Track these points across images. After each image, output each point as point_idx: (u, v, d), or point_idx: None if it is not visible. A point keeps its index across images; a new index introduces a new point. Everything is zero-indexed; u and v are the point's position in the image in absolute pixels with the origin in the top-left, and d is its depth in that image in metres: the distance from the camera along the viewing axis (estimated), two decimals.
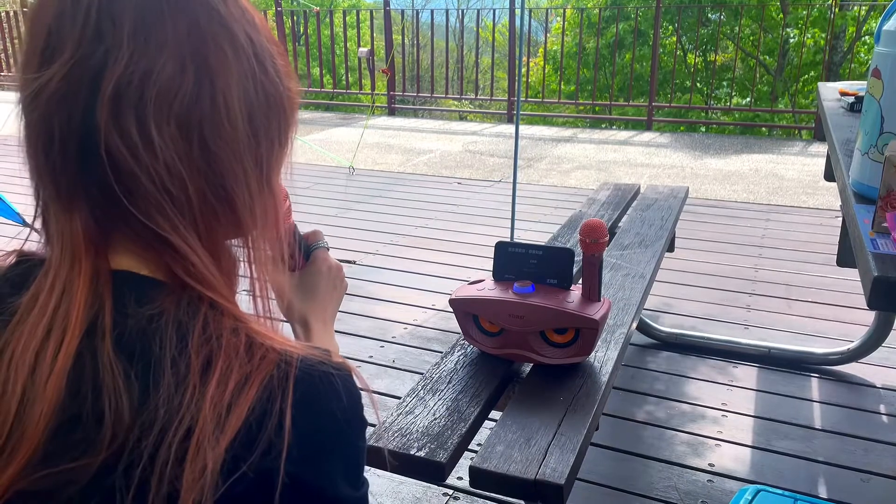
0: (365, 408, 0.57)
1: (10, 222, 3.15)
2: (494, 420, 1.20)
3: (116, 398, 0.49)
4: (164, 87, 0.50)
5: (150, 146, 0.51)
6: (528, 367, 1.39)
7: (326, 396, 0.53)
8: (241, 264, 0.60)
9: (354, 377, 0.57)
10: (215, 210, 0.55)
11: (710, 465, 1.82)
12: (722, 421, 2.01)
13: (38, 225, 0.58)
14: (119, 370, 0.50)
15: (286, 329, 0.83)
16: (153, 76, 0.50)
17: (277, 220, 0.61)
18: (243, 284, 0.60)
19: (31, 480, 0.49)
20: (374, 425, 1.13)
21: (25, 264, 0.57)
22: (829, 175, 2.06)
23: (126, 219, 0.53)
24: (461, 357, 1.40)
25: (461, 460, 1.16)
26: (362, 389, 0.57)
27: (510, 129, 6.40)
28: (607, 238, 1.34)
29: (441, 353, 1.40)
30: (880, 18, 1.15)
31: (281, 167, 0.60)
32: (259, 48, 0.56)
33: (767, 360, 2.31)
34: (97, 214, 0.53)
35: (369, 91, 7.37)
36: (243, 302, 0.59)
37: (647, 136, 6.09)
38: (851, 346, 2.25)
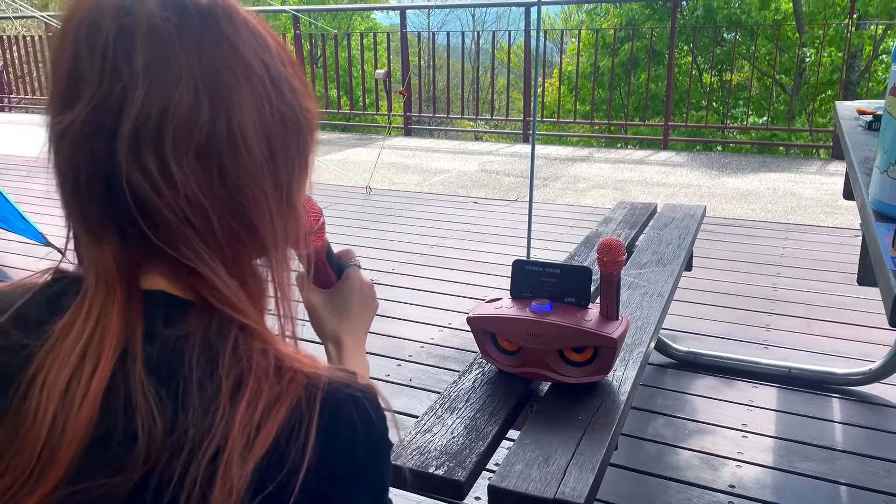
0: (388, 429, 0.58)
1: (36, 243, 3.20)
2: (512, 440, 1.20)
3: (150, 420, 0.50)
4: (181, 121, 0.51)
5: (171, 180, 0.52)
6: (546, 386, 1.38)
7: (353, 419, 0.54)
8: (268, 285, 0.61)
9: (379, 399, 0.57)
10: (239, 236, 0.56)
11: (731, 486, 1.80)
12: (742, 442, 1.98)
13: (70, 251, 0.59)
14: (151, 392, 0.51)
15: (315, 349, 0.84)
16: (170, 111, 0.51)
17: (300, 238, 0.62)
18: (270, 305, 0.61)
19: (62, 496, 0.50)
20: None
21: (61, 282, 0.58)
22: (849, 193, 2.05)
23: (154, 250, 0.54)
24: (479, 375, 1.40)
25: (479, 480, 1.15)
26: (386, 410, 0.58)
27: (526, 148, 6.43)
28: (625, 256, 1.34)
29: (457, 371, 1.40)
30: None
31: (303, 187, 0.61)
32: (273, 72, 0.56)
33: (788, 380, 2.29)
34: (127, 246, 0.54)
35: (386, 112, 7.44)
36: (269, 320, 0.60)
37: (663, 155, 6.08)
38: (873, 366, 2.22)
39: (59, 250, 0.59)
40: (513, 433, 1.27)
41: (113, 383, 0.51)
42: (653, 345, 1.58)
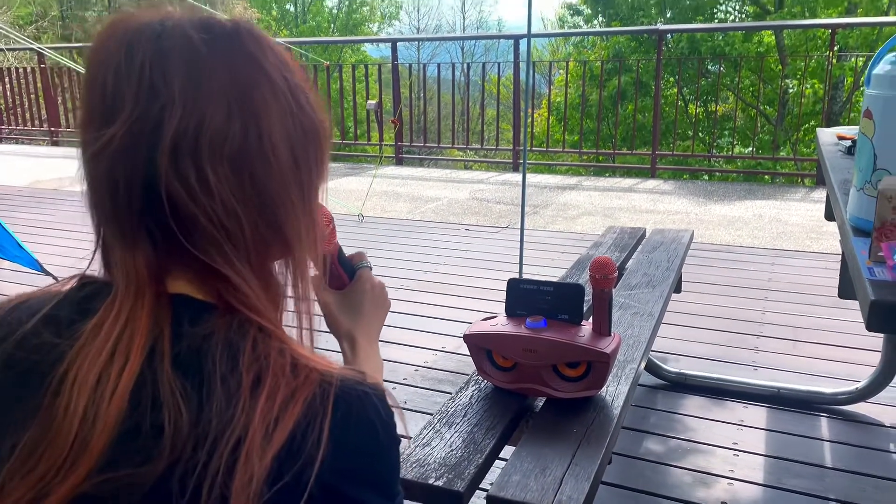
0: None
1: (31, 270, 3.21)
2: (505, 459, 1.22)
3: (176, 413, 0.53)
4: (215, 133, 0.56)
5: (207, 187, 0.56)
6: (541, 402, 1.42)
7: (364, 414, 0.58)
8: (285, 287, 0.65)
9: (388, 397, 0.61)
10: (266, 239, 0.60)
11: (723, 503, 1.83)
12: (733, 460, 2.02)
13: (93, 261, 0.63)
14: (178, 387, 0.54)
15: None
16: (205, 125, 0.55)
17: (316, 240, 0.67)
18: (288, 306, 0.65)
19: (93, 484, 0.52)
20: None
21: (89, 287, 0.62)
22: (829, 214, 2.11)
23: (181, 256, 0.58)
24: (475, 392, 1.43)
25: (474, 499, 1.18)
26: (394, 407, 0.62)
27: (516, 177, 6.51)
28: (616, 274, 1.39)
29: (452, 394, 1.43)
30: (870, 64, 1.23)
31: (318, 192, 0.66)
32: (293, 86, 0.61)
33: (777, 400, 2.32)
34: (158, 251, 0.58)
35: (377, 142, 7.53)
36: (287, 319, 0.64)
37: (650, 183, 6.18)
38: (859, 385, 2.26)
39: (55, 277, 0.62)
40: (507, 453, 1.29)
41: (141, 380, 0.55)
42: (644, 362, 1.61)
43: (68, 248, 4.12)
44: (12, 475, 0.54)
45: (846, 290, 1.97)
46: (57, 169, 7.01)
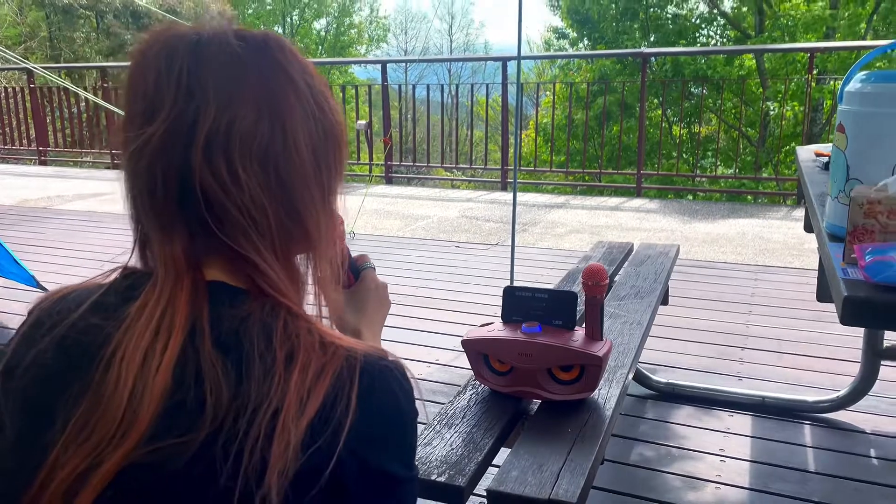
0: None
1: (28, 287, 3.23)
2: (498, 466, 1.27)
3: (217, 387, 0.59)
4: (245, 133, 0.62)
5: (237, 181, 0.62)
6: (536, 404, 1.48)
7: (387, 386, 0.64)
8: (306, 278, 0.71)
9: (406, 371, 0.68)
10: (289, 230, 0.66)
11: None
12: (720, 466, 2.08)
13: (136, 253, 0.69)
14: (218, 363, 0.60)
15: None
16: (236, 125, 0.62)
17: (335, 236, 0.73)
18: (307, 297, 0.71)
19: (141, 454, 0.58)
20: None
21: (132, 277, 0.68)
22: (809, 226, 2.20)
23: (216, 243, 0.64)
24: (473, 395, 1.49)
25: (471, 502, 1.22)
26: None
27: (504, 196, 6.60)
28: (608, 281, 1.45)
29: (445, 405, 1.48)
30: (842, 81, 1.31)
31: (338, 191, 0.72)
32: (316, 92, 0.68)
33: (762, 408, 2.40)
34: (193, 240, 0.64)
35: (366, 161, 7.61)
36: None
37: (636, 202, 6.29)
38: (840, 394, 2.34)
39: (45, 289, 0.68)
40: (500, 460, 1.33)
41: (184, 358, 0.60)
42: (634, 368, 1.68)
43: (60, 265, 4.15)
44: (67, 447, 0.59)
45: (823, 293, 2.06)
46: (45, 188, 7.02)
